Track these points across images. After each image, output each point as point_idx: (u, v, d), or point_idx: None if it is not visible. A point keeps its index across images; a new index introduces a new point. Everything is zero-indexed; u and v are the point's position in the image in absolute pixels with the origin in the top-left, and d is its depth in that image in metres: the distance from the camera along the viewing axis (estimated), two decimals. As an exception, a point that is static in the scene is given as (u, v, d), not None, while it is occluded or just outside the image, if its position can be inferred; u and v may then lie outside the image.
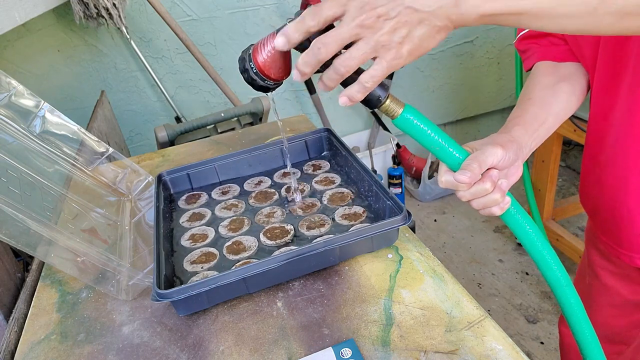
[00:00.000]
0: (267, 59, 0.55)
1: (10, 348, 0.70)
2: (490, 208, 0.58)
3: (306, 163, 1.03)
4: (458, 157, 0.57)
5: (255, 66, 0.55)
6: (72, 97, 1.94)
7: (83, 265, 0.73)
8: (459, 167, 0.56)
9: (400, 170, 2.36)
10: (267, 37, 0.55)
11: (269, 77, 0.56)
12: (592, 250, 0.92)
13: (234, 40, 2.06)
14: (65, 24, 1.81)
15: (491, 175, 0.56)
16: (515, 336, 1.69)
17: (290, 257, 0.68)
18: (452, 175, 0.57)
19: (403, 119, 0.56)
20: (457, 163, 0.57)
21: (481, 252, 2.11)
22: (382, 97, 0.55)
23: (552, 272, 0.63)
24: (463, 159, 0.56)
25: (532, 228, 0.61)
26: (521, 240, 0.62)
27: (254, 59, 0.55)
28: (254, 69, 0.56)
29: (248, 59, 0.56)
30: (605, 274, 0.89)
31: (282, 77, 0.57)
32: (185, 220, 0.90)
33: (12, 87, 0.85)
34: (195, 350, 0.64)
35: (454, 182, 0.56)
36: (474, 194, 0.57)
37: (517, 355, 0.58)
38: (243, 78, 0.58)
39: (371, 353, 0.60)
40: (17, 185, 0.72)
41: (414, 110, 0.56)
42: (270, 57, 0.55)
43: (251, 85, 0.58)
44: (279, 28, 0.54)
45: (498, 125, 2.86)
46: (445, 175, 0.58)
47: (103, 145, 0.95)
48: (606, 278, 0.89)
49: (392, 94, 0.56)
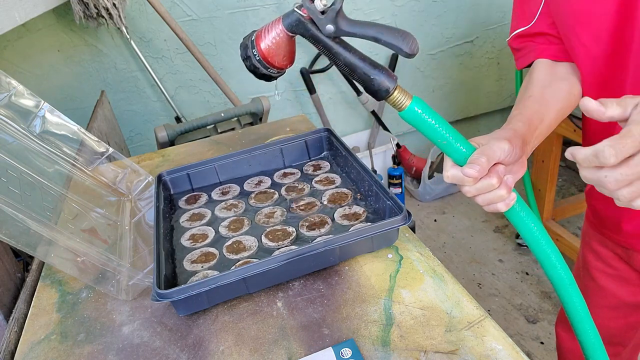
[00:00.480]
0: (271, 45, 0.53)
1: (10, 348, 0.70)
2: (496, 204, 0.57)
3: (306, 163, 1.03)
4: (464, 152, 0.55)
5: (258, 53, 0.53)
6: (72, 97, 1.94)
7: (83, 265, 0.73)
8: (465, 161, 0.55)
9: (400, 170, 2.36)
10: (271, 23, 0.53)
11: (273, 65, 0.54)
12: (588, 253, 0.92)
13: (234, 40, 2.06)
14: (65, 24, 1.81)
15: (498, 170, 0.55)
16: (515, 336, 1.69)
17: (290, 257, 0.68)
18: (458, 170, 0.55)
19: (410, 111, 0.54)
20: (464, 158, 0.55)
21: (481, 252, 2.11)
22: (391, 88, 0.53)
23: (555, 271, 0.63)
24: (470, 153, 0.55)
25: (537, 225, 0.60)
26: (525, 238, 0.62)
27: (257, 46, 0.53)
28: (257, 56, 0.54)
29: (251, 45, 0.54)
30: (602, 276, 0.89)
31: (286, 65, 0.55)
32: (186, 220, 0.90)
33: (12, 87, 0.85)
34: (195, 350, 0.64)
35: (460, 176, 0.55)
36: (479, 189, 0.56)
37: (517, 355, 0.58)
38: (245, 66, 0.56)
39: (371, 353, 0.60)
40: (17, 185, 0.72)
41: (422, 103, 0.55)
42: (275, 43, 0.53)
43: (253, 74, 0.56)
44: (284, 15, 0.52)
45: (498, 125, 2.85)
46: (452, 170, 0.56)
47: (103, 145, 0.95)
48: (602, 280, 0.89)
49: (400, 86, 0.54)
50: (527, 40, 0.78)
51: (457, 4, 2.32)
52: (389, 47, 0.52)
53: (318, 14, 0.54)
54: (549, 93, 0.71)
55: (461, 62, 2.49)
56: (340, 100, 2.38)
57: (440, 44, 2.41)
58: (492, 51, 2.50)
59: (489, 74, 2.58)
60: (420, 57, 2.41)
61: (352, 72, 0.54)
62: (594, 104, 0.46)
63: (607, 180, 0.45)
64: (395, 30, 0.52)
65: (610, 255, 0.86)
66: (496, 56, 2.53)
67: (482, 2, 2.35)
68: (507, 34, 0.83)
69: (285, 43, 0.53)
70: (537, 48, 0.77)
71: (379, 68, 0.54)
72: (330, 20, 0.53)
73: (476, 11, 2.37)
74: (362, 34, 0.53)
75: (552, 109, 0.69)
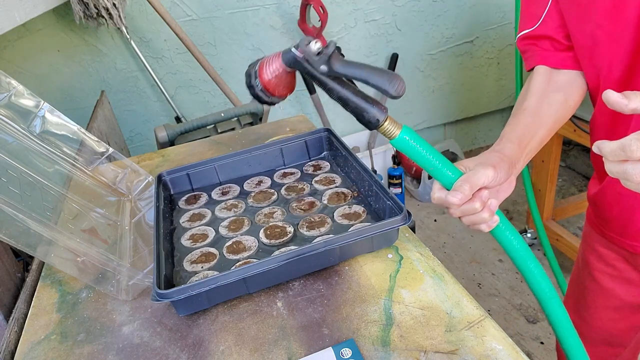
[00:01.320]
0: (272, 78, 0.58)
1: (10, 348, 0.70)
2: (479, 225, 0.62)
3: (306, 163, 1.03)
4: (451, 177, 0.59)
5: (260, 84, 0.58)
6: (72, 97, 1.94)
7: (83, 265, 0.73)
8: (451, 186, 0.59)
9: (400, 170, 2.36)
10: (272, 56, 0.58)
11: (273, 95, 0.60)
12: (589, 254, 0.91)
13: (234, 40, 2.06)
14: (65, 24, 1.81)
15: (481, 195, 0.59)
16: (515, 336, 1.69)
17: (290, 257, 0.68)
18: (444, 194, 0.59)
19: (400, 140, 0.58)
20: (450, 182, 0.59)
21: (481, 252, 2.11)
22: (381, 120, 0.57)
23: (539, 286, 0.66)
24: (456, 178, 0.59)
25: (520, 244, 0.64)
26: (510, 256, 0.65)
27: (259, 77, 0.58)
28: (260, 87, 0.59)
29: (254, 75, 0.59)
30: (604, 277, 0.89)
31: (286, 94, 0.61)
32: (186, 220, 0.90)
33: (12, 87, 0.85)
34: (195, 350, 0.64)
35: (445, 200, 0.59)
36: (463, 212, 0.60)
37: (517, 355, 0.58)
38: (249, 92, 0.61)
39: (371, 353, 0.60)
40: (17, 185, 0.72)
41: (410, 132, 0.59)
42: (276, 76, 0.58)
43: (256, 100, 0.61)
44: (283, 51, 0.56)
45: (498, 125, 2.87)
46: (438, 193, 0.61)
47: (103, 145, 0.95)
48: (604, 281, 0.89)
49: (390, 117, 0.58)
50: (532, 43, 0.78)
51: (457, 4, 2.32)
52: (377, 89, 0.55)
53: (313, 55, 0.58)
54: (544, 105, 0.72)
55: (461, 62, 2.49)
56: (340, 100, 2.38)
57: (440, 44, 2.41)
58: (492, 51, 2.50)
59: (489, 74, 2.58)
60: (420, 57, 2.41)
61: (345, 105, 0.58)
62: (616, 96, 0.46)
63: (634, 173, 0.45)
64: (384, 73, 0.55)
65: (613, 257, 0.86)
66: (496, 56, 2.53)
67: (482, 2, 2.35)
68: (507, 34, 0.83)
69: (284, 76, 0.59)
70: (539, 54, 0.77)
71: (370, 102, 0.58)
72: (324, 62, 0.58)
73: (476, 11, 2.37)
74: (352, 76, 0.57)
75: (545, 122, 0.71)
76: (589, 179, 2.48)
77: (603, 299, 0.91)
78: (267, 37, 2.11)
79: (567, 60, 0.74)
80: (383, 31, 2.28)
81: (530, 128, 0.70)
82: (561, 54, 0.74)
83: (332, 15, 2.07)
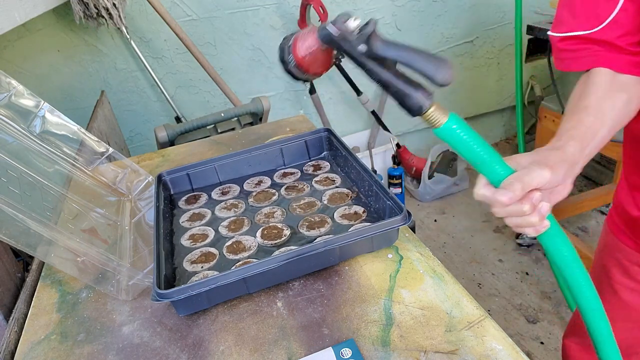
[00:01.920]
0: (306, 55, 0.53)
1: (10, 348, 0.70)
2: (524, 228, 0.55)
3: (306, 163, 1.03)
4: (501, 173, 0.53)
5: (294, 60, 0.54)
6: (72, 97, 1.94)
7: (83, 265, 0.73)
8: (499, 183, 0.52)
9: (400, 170, 2.36)
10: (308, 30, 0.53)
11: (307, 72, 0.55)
12: (612, 266, 0.90)
13: (234, 40, 2.06)
14: (65, 24, 1.81)
15: (532, 197, 0.52)
16: (515, 336, 1.69)
17: (290, 257, 0.68)
18: (490, 191, 0.53)
19: (446, 130, 0.52)
20: (498, 180, 0.53)
21: (481, 252, 2.11)
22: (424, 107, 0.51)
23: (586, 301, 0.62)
24: (506, 175, 0.52)
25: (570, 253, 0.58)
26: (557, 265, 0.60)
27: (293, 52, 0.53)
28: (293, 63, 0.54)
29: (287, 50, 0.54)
30: (625, 291, 0.88)
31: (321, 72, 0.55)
32: (186, 220, 0.90)
33: (12, 87, 0.85)
34: (195, 350, 0.64)
35: (491, 198, 0.53)
36: (509, 213, 0.53)
37: (517, 355, 0.58)
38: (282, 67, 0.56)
39: (371, 353, 0.60)
40: (17, 185, 0.72)
41: (459, 120, 0.52)
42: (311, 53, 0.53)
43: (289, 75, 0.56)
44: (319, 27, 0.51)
45: (498, 125, 2.87)
46: (483, 190, 0.54)
47: (103, 145, 0.95)
48: (626, 295, 0.88)
49: (438, 103, 0.52)
50: (585, 45, 0.70)
51: (457, 4, 2.32)
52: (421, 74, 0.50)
53: (350, 34, 0.52)
54: (607, 104, 0.65)
55: (461, 62, 2.49)
56: (340, 100, 2.38)
57: (440, 44, 2.41)
58: (492, 51, 2.50)
59: (489, 74, 2.58)
60: (420, 57, 2.41)
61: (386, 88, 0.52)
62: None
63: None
64: (430, 57, 0.50)
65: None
66: (496, 56, 2.53)
67: (482, 2, 2.35)
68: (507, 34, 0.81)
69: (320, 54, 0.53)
70: (603, 55, 0.69)
71: (414, 86, 0.52)
72: (363, 41, 0.52)
73: (476, 11, 2.37)
74: (393, 58, 0.51)
75: (607, 121, 0.64)
76: (589, 179, 2.48)
77: (622, 311, 0.89)
78: (267, 37, 2.11)
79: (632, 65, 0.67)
80: (383, 31, 2.28)
81: (592, 127, 0.63)
82: (625, 58, 0.68)
83: (332, 15, 2.06)
